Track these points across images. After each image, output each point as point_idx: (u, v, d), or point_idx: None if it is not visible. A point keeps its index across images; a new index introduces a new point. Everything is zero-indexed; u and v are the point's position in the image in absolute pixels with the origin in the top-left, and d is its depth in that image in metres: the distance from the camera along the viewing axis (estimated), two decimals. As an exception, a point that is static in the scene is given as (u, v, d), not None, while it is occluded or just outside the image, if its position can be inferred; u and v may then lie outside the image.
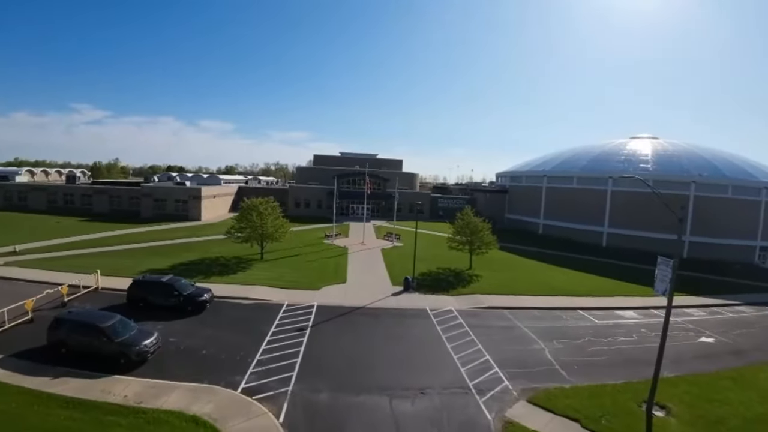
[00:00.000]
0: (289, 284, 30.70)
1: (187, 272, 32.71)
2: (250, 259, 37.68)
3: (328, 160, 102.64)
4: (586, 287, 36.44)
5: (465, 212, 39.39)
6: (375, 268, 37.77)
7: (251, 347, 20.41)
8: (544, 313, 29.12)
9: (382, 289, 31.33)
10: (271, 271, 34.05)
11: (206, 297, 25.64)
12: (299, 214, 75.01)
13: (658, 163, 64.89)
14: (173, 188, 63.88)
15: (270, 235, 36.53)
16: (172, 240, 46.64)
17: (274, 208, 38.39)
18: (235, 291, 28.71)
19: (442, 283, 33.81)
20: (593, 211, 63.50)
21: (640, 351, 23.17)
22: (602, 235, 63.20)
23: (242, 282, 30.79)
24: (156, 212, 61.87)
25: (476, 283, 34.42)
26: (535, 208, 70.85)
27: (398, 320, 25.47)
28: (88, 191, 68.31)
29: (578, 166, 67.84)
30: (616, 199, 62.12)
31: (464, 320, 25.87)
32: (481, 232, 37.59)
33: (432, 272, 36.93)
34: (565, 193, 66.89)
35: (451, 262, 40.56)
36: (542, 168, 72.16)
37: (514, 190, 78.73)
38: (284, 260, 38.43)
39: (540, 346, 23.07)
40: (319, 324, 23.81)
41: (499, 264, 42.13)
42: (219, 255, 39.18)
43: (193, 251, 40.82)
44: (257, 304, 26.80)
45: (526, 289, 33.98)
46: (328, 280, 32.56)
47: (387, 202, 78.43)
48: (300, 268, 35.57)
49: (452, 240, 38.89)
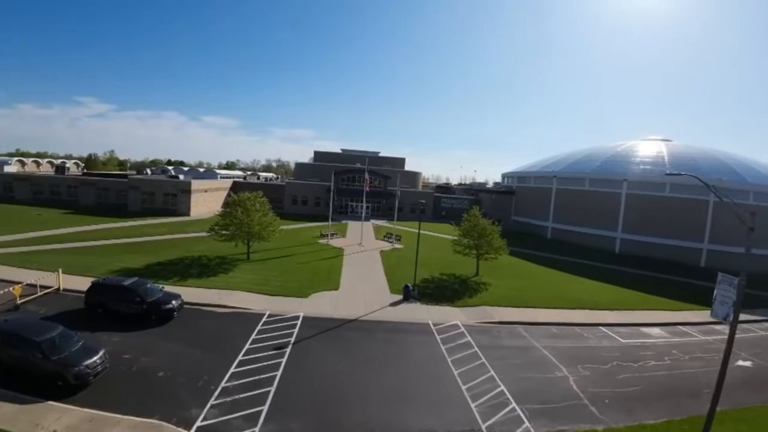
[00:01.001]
0: (274, 290, 27.25)
1: (162, 273, 29.40)
2: (235, 260, 34.25)
3: (328, 156, 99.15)
4: (605, 300, 32.96)
5: (472, 213, 35.82)
6: (372, 272, 34.30)
7: (218, 370, 16.97)
8: (563, 330, 25.63)
9: (379, 297, 27.84)
10: (257, 274, 30.60)
11: (174, 304, 22.21)
12: (296, 212, 71.66)
13: (674, 165, 61.17)
14: (162, 181, 60.45)
15: (257, 234, 33.02)
16: (155, 236, 43.28)
17: (263, 203, 34.91)
18: (212, 297, 25.28)
19: (446, 291, 30.31)
20: (606, 215, 59.94)
21: (677, 379, 19.83)
22: (615, 240, 59.62)
23: (222, 286, 27.37)
24: (144, 206, 58.51)
25: (484, 292, 30.91)
26: (544, 210, 67.24)
27: (396, 337, 21.95)
28: (74, 183, 65.08)
29: (590, 167, 64.23)
30: (632, 202, 58.57)
31: (473, 338, 22.35)
32: (490, 235, 34.05)
33: (435, 279, 33.45)
34: (576, 195, 63.27)
35: (455, 268, 37.06)
36: (552, 169, 68.52)
37: (521, 191, 75.10)
38: (273, 261, 34.96)
39: (563, 372, 19.58)
40: (303, 341, 20.32)
41: (508, 270, 38.61)
42: (202, 254, 35.78)
43: (176, 249, 37.46)
44: (234, 314, 23.36)
45: (540, 300, 30.49)
46: (318, 285, 29.08)
47: (388, 201, 74.90)
48: (289, 271, 32.10)
49: (457, 243, 35.35)
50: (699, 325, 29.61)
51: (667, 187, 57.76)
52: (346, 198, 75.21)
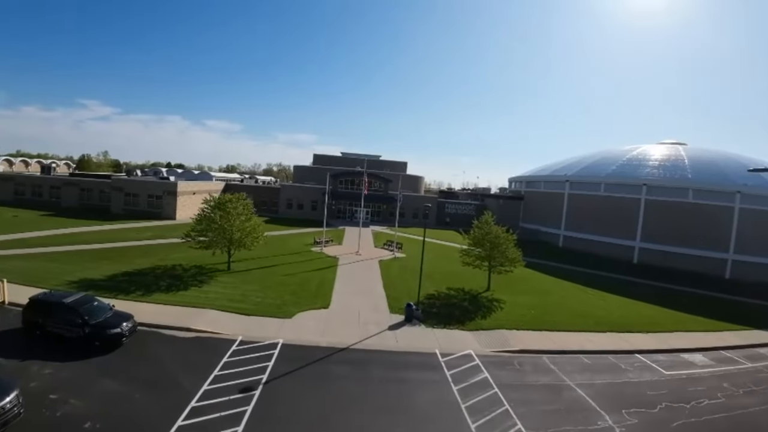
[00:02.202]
0: (251, 308, 23.06)
1: (125, 285, 25.39)
2: (213, 271, 30.14)
3: (328, 159, 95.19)
4: (634, 319, 28.86)
5: (484, 220, 31.59)
6: (369, 286, 30.06)
7: (160, 422, 12.83)
8: (595, 360, 21.42)
9: (377, 318, 23.61)
10: (234, 288, 26.43)
11: (123, 328, 18.09)
12: (291, 216, 67.66)
13: (696, 170, 57.16)
14: (146, 182, 56.51)
15: (237, 242, 28.88)
16: (133, 241, 39.28)
17: (246, 206, 30.79)
18: (176, 316, 21.15)
19: (454, 310, 26.09)
20: (623, 222, 55.76)
21: (737, 423, 16.14)
22: (633, 250, 55.39)
23: (191, 302, 23.24)
24: (127, 208, 54.55)
25: (498, 311, 26.68)
26: (555, 217, 63.02)
27: (396, 374, 17.66)
28: (57, 183, 61.20)
29: (605, 171, 60.13)
30: (651, 209, 54.41)
31: (490, 374, 18.11)
32: (504, 244, 29.87)
33: (441, 294, 29.25)
34: (590, 200, 59.10)
35: (464, 281, 32.90)
36: (563, 173, 64.38)
37: (530, 197, 70.88)
38: (256, 273, 30.75)
39: (607, 422, 15.37)
40: (277, 379, 16.10)
41: (522, 284, 34.40)
42: (177, 263, 31.71)
43: (150, 256, 33.44)
44: (198, 340, 19.20)
45: (562, 321, 26.31)
46: (305, 303, 24.88)
47: (389, 205, 70.81)
48: (273, 285, 27.89)
49: (467, 254, 31.13)
50: (742, 348, 25.97)
51: (689, 193, 53.70)
52: (345, 202, 71.17)
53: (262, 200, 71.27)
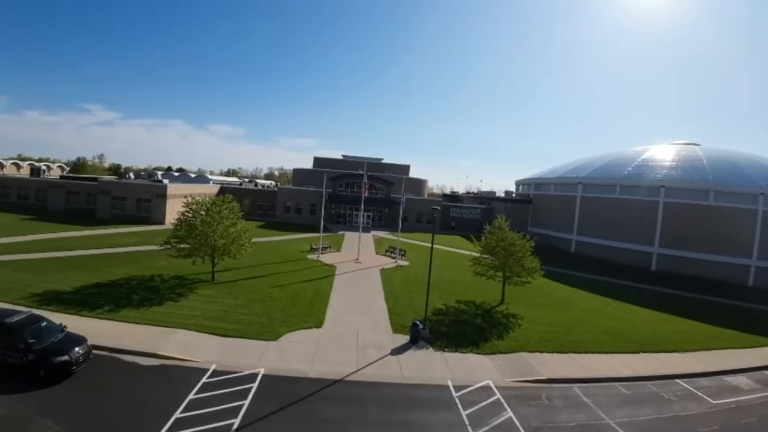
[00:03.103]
0: (232, 328, 19.90)
1: (92, 299, 22.41)
2: (196, 281, 27.07)
3: (328, 162, 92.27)
4: (666, 335, 25.83)
5: (498, 224, 28.37)
6: (369, 300, 26.82)
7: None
8: (633, 389, 18.25)
9: (377, 339, 20.39)
10: (215, 303, 23.29)
11: (74, 355, 15.05)
12: (288, 221, 64.63)
13: (716, 171, 53.92)
14: (134, 184, 53.70)
15: (220, 249, 25.76)
16: (116, 248, 36.34)
17: (232, 209, 27.68)
18: (143, 338, 18.07)
19: (466, 328, 22.87)
20: (640, 226, 52.50)
21: None
22: (651, 256, 52.10)
23: (163, 321, 20.14)
24: (114, 212, 51.59)
25: (516, 329, 23.45)
26: (567, 221, 59.76)
27: (401, 416, 14.35)
28: (43, 186, 58.45)
29: (620, 172, 56.93)
30: (670, 212, 51.15)
31: (515, 413, 14.86)
32: (520, 252, 26.69)
33: (450, 309, 26.05)
34: (604, 204, 55.87)
35: (474, 293, 29.74)
36: (575, 174, 61.16)
37: (539, 200, 67.64)
38: (243, 284, 27.57)
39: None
40: (252, 424, 12.85)
41: (538, 296, 31.21)
42: (157, 272, 28.69)
43: (130, 265, 30.45)
44: (164, 368, 16.07)
45: (589, 340, 23.13)
46: (295, 321, 21.67)
47: (391, 209, 67.73)
48: (260, 299, 24.71)
49: (478, 263, 27.91)
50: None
51: (710, 195, 50.50)
52: (345, 206, 68.13)
53: (259, 204, 68.50)
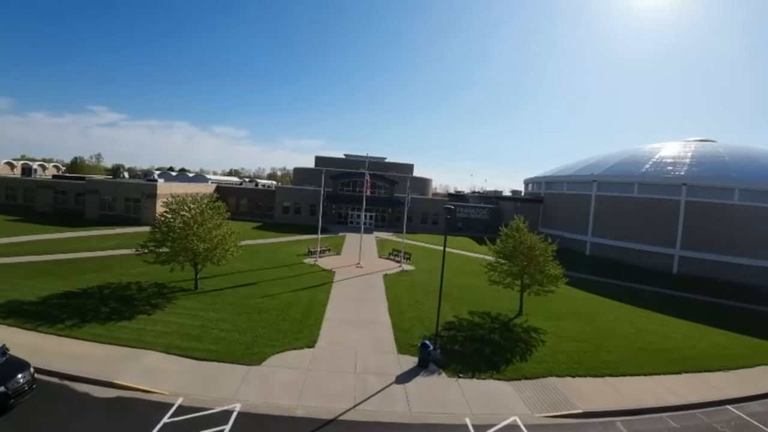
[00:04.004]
0: (209, 350, 16.87)
1: (54, 312, 19.64)
2: (178, 289, 24.18)
3: (330, 161, 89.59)
4: (706, 350, 22.88)
5: (515, 226, 25.24)
6: (371, 312, 23.69)
7: None
8: (682, 419, 15.28)
9: (380, 362, 17.29)
10: (195, 317, 20.33)
11: (13, 385, 12.24)
12: (287, 222, 61.76)
13: (740, 168, 50.53)
14: (123, 184, 50.92)
15: (201, 255, 22.78)
16: (96, 251, 33.62)
17: (219, 209, 24.73)
18: (103, 362, 15.16)
19: (483, 346, 19.78)
20: (661, 227, 49.26)
21: None
22: (672, 259, 48.81)
23: (130, 340, 17.23)
24: (103, 213, 48.90)
25: (540, 346, 20.34)
26: (580, 221, 56.54)
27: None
28: (31, 186, 55.93)
29: (638, 170, 53.65)
30: (693, 212, 47.85)
31: (553, 464, 11.88)
32: (541, 256, 23.59)
33: (463, 322, 22.97)
34: (621, 203, 52.62)
35: (488, 301, 26.73)
36: (589, 172, 57.90)
37: (551, 199, 64.42)
38: (229, 293, 24.57)
39: None
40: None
41: (558, 304, 28.11)
42: (136, 279, 25.85)
43: (107, 271, 27.67)
44: (121, 402, 13.12)
45: (625, 359, 20.03)
46: (284, 339, 18.62)
47: (394, 209, 64.77)
48: (247, 311, 21.70)
49: (493, 269, 24.78)
50: None
51: (735, 193, 47.22)
52: (347, 206, 65.18)
53: (258, 204, 65.78)
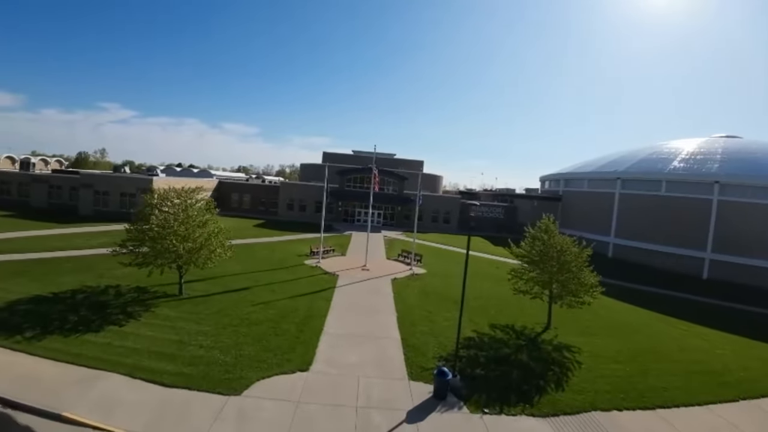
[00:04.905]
0: (183, 373, 13.95)
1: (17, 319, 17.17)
2: (160, 295, 21.44)
3: (338, 158, 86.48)
4: (759, 370, 19.84)
5: (544, 226, 22.04)
6: (377, 324, 20.54)
7: None
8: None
9: (387, 393, 14.16)
10: (173, 329, 17.51)
11: None
12: (292, 219, 59.10)
13: (777, 166, 46.73)
14: (118, 178, 48.61)
15: (183, 257, 19.97)
16: (82, 250, 31.33)
17: (208, 204, 21.90)
18: (56, 385, 12.43)
19: (510, 370, 16.58)
20: (690, 228, 45.65)
21: None
22: (702, 262, 45.21)
23: (93, 358, 14.46)
24: (97, 208, 46.65)
25: (576, 370, 17.17)
26: (603, 221, 52.99)
27: None
28: (25, 180, 53.99)
29: (665, 167, 49.97)
30: (725, 212, 44.18)
31: None
32: (573, 263, 20.39)
33: (483, 337, 19.85)
34: (648, 202, 49.02)
35: (510, 311, 23.63)
36: (613, 169, 54.28)
37: (570, 197, 60.87)
38: (217, 300, 21.66)
39: None
40: None
41: (586, 314, 24.57)
42: (116, 282, 23.24)
43: (85, 272, 25.11)
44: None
45: (675, 384, 16.84)
46: (273, 359, 15.59)
47: (404, 207, 61.73)
48: (234, 322, 18.79)
49: (519, 276, 21.55)
50: None
51: (778, 191, 43.55)
52: (354, 204, 62.27)
53: (261, 201, 63.31)
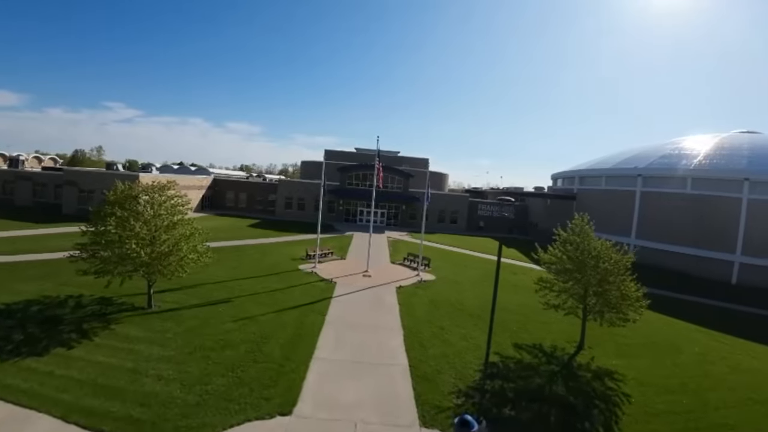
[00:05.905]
0: (129, 417, 10.84)
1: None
2: (126, 307, 18.39)
3: (340, 155, 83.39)
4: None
5: (578, 227, 18.80)
6: (379, 346, 17.09)
7: None
8: None
9: (392, 438, 11.22)
10: (129, 354, 14.40)
11: None
12: (291, 218, 56.09)
13: (812, 161, 43.23)
14: (103, 174, 45.69)
15: (146, 266, 16.83)
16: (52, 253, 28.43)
17: (181, 201, 18.84)
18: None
19: (546, 410, 13.24)
20: (718, 229, 42.18)
21: None
22: (732, 266, 41.66)
23: (24, 393, 11.42)
24: (82, 207, 43.77)
25: (624, 406, 13.86)
26: (622, 221, 49.49)
27: None
28: (10, 177, 51.28)
29: (690, 163, 46.48)
30: (759, 212, 40.71)
31: None
32: (611, 274, 17.12)
33: (509, 362, 16.55)
34: (671, 201, 45.53)
35: (535, 327, 20.43)
36: (633, 165, 50.80)
37: (585, 196, 57.24)
38: (191, 314, 18.50)
39: None
40: None
41: (624, 330, 21.33)
42: (77, 292, 20.20)
43: (47, 279, 22.02)
44: None
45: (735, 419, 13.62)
46: (248, 397, 12.36)
47: (409, 206, 58.54)
48: (205, 345, 15.51)
49: (548, 287, 18.16)
50: None
51: (817, 190, 40.11)
52: (356, 202, 59.16)
53: (258, 199, 60.37)
